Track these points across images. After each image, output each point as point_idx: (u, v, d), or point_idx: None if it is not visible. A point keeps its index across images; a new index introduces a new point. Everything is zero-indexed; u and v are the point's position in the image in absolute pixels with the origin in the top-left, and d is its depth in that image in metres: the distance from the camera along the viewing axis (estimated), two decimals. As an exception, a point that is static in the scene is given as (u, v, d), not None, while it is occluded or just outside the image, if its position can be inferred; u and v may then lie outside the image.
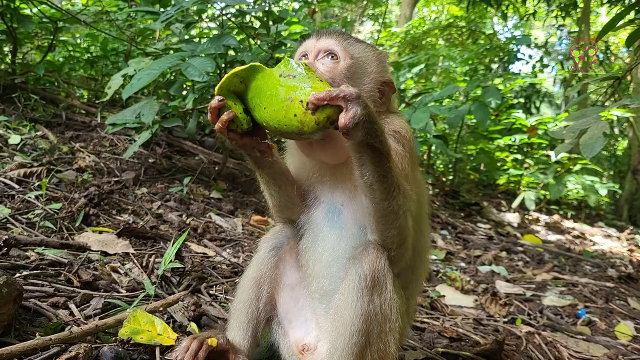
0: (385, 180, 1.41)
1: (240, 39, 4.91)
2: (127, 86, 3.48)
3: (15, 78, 5.16)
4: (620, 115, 8.05)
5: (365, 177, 1.41)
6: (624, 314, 3.55)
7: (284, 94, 1.33)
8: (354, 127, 1.29)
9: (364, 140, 1.34)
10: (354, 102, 1.29)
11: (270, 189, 1.75)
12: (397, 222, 1.47)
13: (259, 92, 1.39)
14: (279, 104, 1.33)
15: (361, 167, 1.40)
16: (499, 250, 5.33)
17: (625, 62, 13.91)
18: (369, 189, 1.43)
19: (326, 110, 1.30)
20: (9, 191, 2.97)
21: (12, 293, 1.61)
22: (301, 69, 1.38)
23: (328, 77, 1.57)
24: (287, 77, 1.36)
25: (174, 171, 4.58)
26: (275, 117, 1.34)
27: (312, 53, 1.66)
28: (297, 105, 1.30)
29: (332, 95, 1.28)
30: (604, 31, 3.78)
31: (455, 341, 2.58)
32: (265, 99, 1.37)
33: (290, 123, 1.32)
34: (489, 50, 11.55)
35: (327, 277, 1.65)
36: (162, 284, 2.35)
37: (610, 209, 13.81)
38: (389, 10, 19.97)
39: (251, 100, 1.42)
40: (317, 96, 1.28)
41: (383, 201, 1.43)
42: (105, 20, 5.63)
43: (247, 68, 1.42)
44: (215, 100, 1.41)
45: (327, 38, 1.67)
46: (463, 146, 9.19)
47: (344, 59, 1.63)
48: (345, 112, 1.28)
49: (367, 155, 1.37)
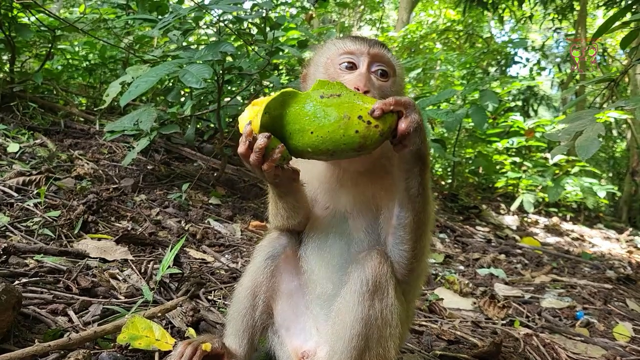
0: (426, 192, 1.44)
1: (237, 45, 4.94)
2: (125, 93, 3.50)
3: (13, 87, 5.18)
4: (619, 117, 8.09)
5: (412, 190, 1.42)
6: (622, 316, 3.55)
7: (336, 114, 1.29)
8: (413, 133, 1.32)
9: (420, 150, 1.36)
10: (411, 108, 1.33)
11: (288, 212, 1.70)
12: (427, 233, 1.51)
13: (299, 117, 1.32)
14: (333, 125, 1.28)
15: (409, 180, 1.42)
16: (498, 253, 5.33)
17: (623, 64, 13.97)
18: (411, 202, 1.44)
19: (388, 120, 1.31)
20: (7, 199, 2.98)
21: (11, 300, 1.62)
22: (342, 87, 1.37)
23: (382, 92, 1.57)
24: (331, 97, 1.32)
25: (173, 177, 4.59)
26: (331, 138, 1.28)
27: (364, 63, 1.61)
28: (357, 121, 1.28)
29: (398, 101, 1.31)
30: (598, 33, 3.81)
31: (453, 344, 2.58)
32: (311, 123, 1.30)
33: (351, 140, 1.28)
34: (486, 54, 11.62)
35: (332, 282, 1.65)
36: (160, 289, 2.36)
37: (609, 210, 13.82)
38: (387, 14, 20.06)
39: (287, 127, 1.34)
40: (385, 102, 1.29)
41: (421, 212, 1.46)
42: (103, 28, 5.66)
43: (278, 97, 1.34)
44: (261, 140, 1.30)
45: (379, 48, 1.64)
46: (461, 150, 9.21)
47: (392, 74, 1.64)
48: (405, 118, 1.31)
49: (417, 167, 1.40)
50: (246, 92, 5.54)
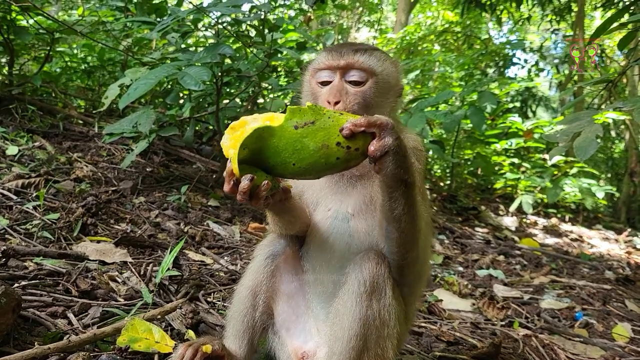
0: (411, 211, 1.43)
1: (236, 47, 4.95)
2: (124, 96, 3.51)
3: (12, 89, 5.18)
4: (617, 118, 8.10)
5: (395, 212, 1.41)
6: (621, 316, 3.56)
7: (313, 144, 1.27)
8: (386, 157, 1.29)
9: (397, 175, 1.34)
10: (387, 130, 1.29)
11: (286, 225, 1.73)
12: (416, 246, 1.51)
13: (278, 151, 1.31)
14: (313, 156, 1.28)
15: (391, 201, 1.40)
16: (497, 254, 5.34)
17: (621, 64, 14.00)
18: (396, 221, 1.44)
19: (369, 139, 1.29)
20: (7, 202, 2.98)
21: (10, 303, 1.62)
22: (315, 112, 1.31)
23: (359, 98, 1.58)
24: (306, 127, 1.29)
25: (172, 180, 4.59)
26: (314, 167, 1.29)
27: (337, 75, 1.62)
28: (337, 149, 1.27)
29: (370, 121, 1.27)
30: (596, 34, 3.82)
31: (453, 345, 2.59)
32: (291, 157, 1.29)
33: (334, 166, 1.30)
34: (485, 55, 11.64)
35: (332, 281, 1.66)
36: (160, 292, 2.36)
37: (608, 211, 13.83)
38: (385, 16, 20.10)
39: (268, 160, 1.33)
40: (356, 122, 1.26)
41: (408, 230, 1.46)
42: (101, 30, 5.67)
43: (253, 133, 1.30)
44: (245, 183, 1.31)
45: (351, 56, 1.63)
46: (460, 151, 9.21)
47: (370, 76, 1.63)
48: (377, 140, 1.28)
49: (399, 191, 1.38)
50: (245, 94, 5.56)
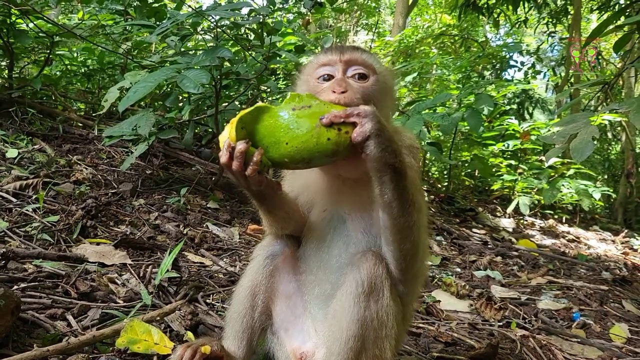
0: (403, 198, 1.44)
1: (235, 50, 4.97)
2: (123, 99, 3.52)
3: (12, 92, 5.19)
4: (613, 120, 8.15)
5: (385, 196, 1.44)
6: (618, 317, 3.57)
7: (308, 124, 1.37)
8: (368, 141, 1.35)
9: (383, 159, 1.38)
10: (367, 117, 1.36)
11: (280, 223, 1.77)
12: (411, 237, 1.51)
13: (273, 130, 1.40)
14: (306, 135, 1.36)
15: (381, 185, 1.43)
16: (494, 255, 5.35)
17: (617, 66, 14.07)
18: (387, 206, 1.46)
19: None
20: (6, 204, 2.99)
21: (9, 305, 1.63)
22: (313, 99, 1.44)
23: (363, 92, 1.60)
24: (303, 109, 1.40)
25: (171, 182, 4.60)
26: (305, 147, 1.36)
27: (339, 70, 1.65)
28: (329, 129, 1.36)
29: (347, 113, 1.37)
30: (592, 36, 3.87)
31: (450, 346, 2.60)
32: (285, 135, 1.38)
33: (325, 148, 1.36)
34: (482, 58, 11.67)
35: (330, 282, 1.67)
36: (159, 293, 2.37)
37: (604, 212, 13.86)
38: (383, 19, 20.17)
39: (263, 140, 1.42)
40: (335, 114, 1.36)
41: (400, 217, 1.47)
42: (101, 34, 5.68)
43: (252, 111, 1.43)
44: (241, 145, 1.38)
45: (352, 53, 1.67)
46: (457, 153, 9.25)
47: (372, 74, 1.66)
48: (358, 128, 1.35)
49: (387, 175, 1.41)
50: (244, 97, 5.58)
